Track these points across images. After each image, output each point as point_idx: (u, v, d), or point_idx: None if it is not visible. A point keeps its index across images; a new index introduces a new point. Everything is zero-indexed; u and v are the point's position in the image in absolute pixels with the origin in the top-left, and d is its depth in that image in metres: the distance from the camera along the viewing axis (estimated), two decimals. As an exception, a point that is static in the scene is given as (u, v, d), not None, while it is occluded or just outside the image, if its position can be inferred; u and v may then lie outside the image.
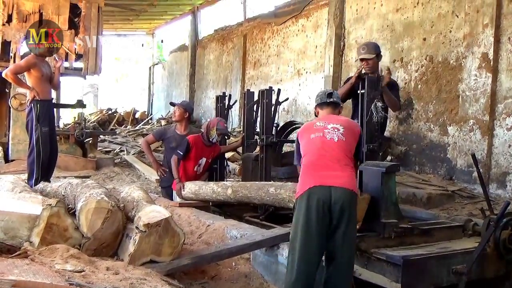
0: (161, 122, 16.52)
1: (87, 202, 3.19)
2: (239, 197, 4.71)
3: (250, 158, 5.83)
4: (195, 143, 5.40)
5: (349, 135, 3.26)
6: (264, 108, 5.71)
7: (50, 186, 4.59)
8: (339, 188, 3.04)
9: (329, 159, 3.11)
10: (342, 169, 3.11)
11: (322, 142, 3.16)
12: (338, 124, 3.25)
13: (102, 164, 9.59)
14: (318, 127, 3.26)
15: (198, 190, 5.18)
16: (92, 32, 9.59)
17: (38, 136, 6.03)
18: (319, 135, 3.19)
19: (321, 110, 3.48)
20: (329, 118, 3.35)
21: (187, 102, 6.14)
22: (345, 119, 3.46)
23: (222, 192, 4.87)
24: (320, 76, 10.58)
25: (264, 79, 12.87)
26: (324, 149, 3.13)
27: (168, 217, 3.19)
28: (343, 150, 3.17)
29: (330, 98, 3.46)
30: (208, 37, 16.74)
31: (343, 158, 3.15)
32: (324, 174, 3.07)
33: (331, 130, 3.19)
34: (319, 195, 3.03)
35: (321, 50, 10.68)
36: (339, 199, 3.02)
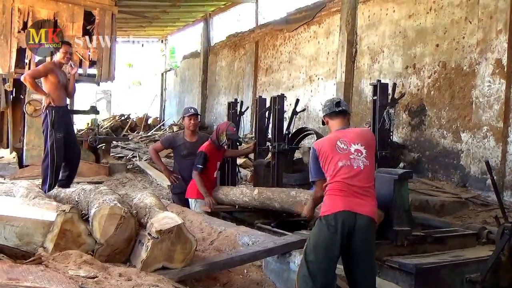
0: (173, 128, 16.59)
1: (100, 208, 3.21)
2: (263, 198, 4.82)
3: (262, 165, 5.83)
4: (210, 151, 5.41)
5: (370, 153, 3.28)
6: (276, 114, 5.72)
7: (63, 192, 4.63)
8: (364, 216, 3.11)
9: (358, 188, 3.16)
10: (368, 196, 3.18)
11: (350, 171, 3.19)
12: (358, 144, 3.25)
13: (114, 170, 9.64)
14: (343, 151, 3.23)
15: (229, 191, 5.34)
16: (106, 39, 9.68)
17: (52, 141, 6.09)
18: (346, 163, 3.20)
19: (331, 120, 3.44)
20: (347, 135, 3.30)
21: (195, 108, 6.12)
22: (360, 132, 3.43)
23: (249, 193, 5.02)
24: (332, 83, 10.56)
25: (276, 86, 12.89)
26: (352, 179, 3.17)
27: (181, 223, 3.20)
28: (368, 176, 3.22)
29: (339, 107, 3.42)
30: (220, 43, 16.81)
31: (369, 185, 3.21)
32: (353, 200, 3.13)
33: (355, 156, 3.21)
34: (345, 220, 3.09)
35: (333, 56, 10.67)
36: (362, 227, 3.09)
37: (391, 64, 9.05)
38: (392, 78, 8.71)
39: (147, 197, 3.85)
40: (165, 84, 22.42)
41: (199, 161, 5.32)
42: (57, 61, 6.30)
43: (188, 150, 5.63)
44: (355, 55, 9.92)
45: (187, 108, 5.88)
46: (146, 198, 3.83)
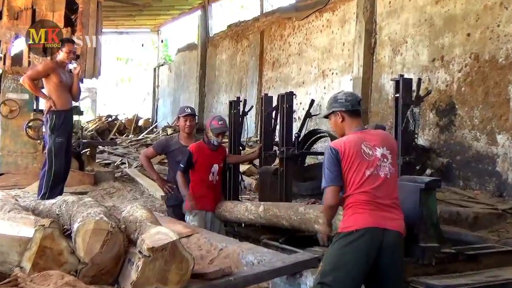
0: (167, 131, 16.63)
1: (84, 222, 3.21)
2: (269, 216, 4.83)
3: (269, 172, 5.81)
4: (198, 151, 5.39)
5: (394, 158, 3.30)
6: (284, 114, 5.71)
7: (43, 204, 4.64)
8: (393, 231, 3.12)
9: (385, 199, 3.18)
10: (396, 209, 3.21)
11: (376, 180, 3.19)
12: (384, 148, 3.25)
13: (101, 178, 9.66)
14: (369, 157, 3.22)
15: (233, 208, 5.33)
16: (91, 30, 9.71)
17: (50, 146, 6.27)
18: (373, 172, 3.20)
19: (350, 118, 3.36)
20: (370, 137, 3.30)
21: (193, 108, 6.14)
22: (381, 134, 3.42)
23: (254, 210, 5.02)
24: (348, 78, 10.56)
25: (284, 82, 12.90)
26: (379, 190, 3.18)
27: (176, 240, 3.19)
28: (394, 186, 3.25)
29: (360, 106, 3.41)
30: (220, 34, 16.86)
31: (396, 198, 3.24)
32: (380, 214, 3.14)
33: (382, 162, 3.22)
34: (373, 238, 3.10)
35: (349, 48, 10.67)
36: (391, 244, 3.10)
37: (415, 56, 9.04)
38: (416, 73, 8.69)
39: (137, 210, 3.85)
40: (157, 80, 22.50)
41: (183, 160, 5.33)
42: (59, 60, 6.45)
43: (184, 155, 5.63)
44: (374, 46, 9.91)
45: (183, 108, 5.90)
46: (136, 211, 3.83)
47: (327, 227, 3.61)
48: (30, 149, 9.36)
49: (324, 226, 3.69)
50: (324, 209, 3.47)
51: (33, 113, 9.17)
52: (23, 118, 9.08)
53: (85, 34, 9.64)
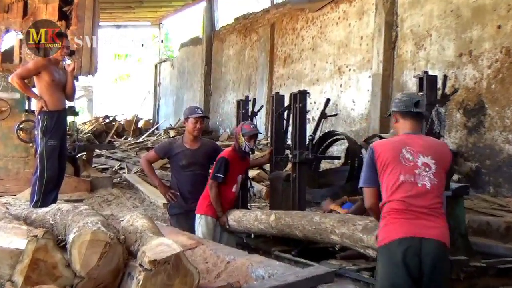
0: (169, 133, 16.68)
1: (81, 233, 3.22)
2: (281, 226, 4.84)
3: (280, 178, 5.81)
4: (232, 160, 5.43)
5: (441, 171, 3.30)
6: (296, 115, 5.71)
7: (35, 213, 4.66)
8: (432, 240, 3.12)
9: (421, 208, 3.19)
10: (436, 217, 3.20)
11: (412, 189, 3.22)
12: (429, 157, 3.28)
13: (97, 184, 9.70)
14: (407, 163, 3.27)
15: (241, 217, 5.36)
16: (87, 24, 9.77)
17: (42, 150, 6.31)
18: (409, 179, 3.23)
19: (403, 119, 3.45)
20: (415, 142, 3.34)
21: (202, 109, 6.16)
22: (432, 142, 3.45)
23: (265, 220, 5.03)
24: (367, 75, 10.54)
25: (297, 79, 12.90)
26: (415, 199, 3.21)
27: (179, 252, 3.20)
28: (435, 196, 3.24)
29: (417, 107, 3.44)
30: (227, 27, 16.89)
31: (436, 205, 3.24)
32: (415, 222, 3.16)
33: (422, 171, 3.25)
34: (409, 249, 3.11)
35: (367, 42, 10.65)
36: (431, 254, 3.11)
37: (440, 51, 9.01)
38: (442, 69, 8.66)
39: (138, 219, 3.86)
40: (159, 78, 22.57)
41: (220, 168, 5.34)
42: (52, 57, 6.48)
43: (188, 160, 5.63)
44: (395, 40, 9.89)
45: (193, 108, 5.84)
46: (136, 220, 3.84)
47: None
48: (21, 153, 9.39)
49: None
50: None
51: (25, 114, 9.19)
52: (14, 119, 9.09)
53: (81, 28, 9.69)
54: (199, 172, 5.63)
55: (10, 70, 8.54)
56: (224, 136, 15.12)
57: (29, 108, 9.48)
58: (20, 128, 8.68)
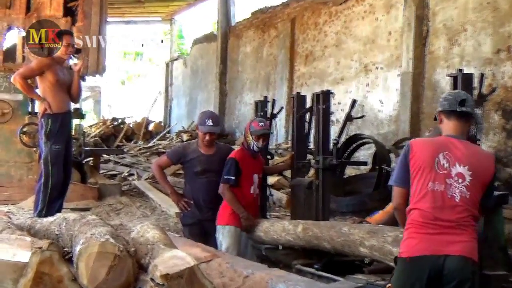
0: (182, 137, 16.73)
1: (88, 245, 3.24)
2: (309, 237, 4.87)
3: (302, 186, 5.81)
4: (242, 159, 5.43)
5: (477, 185, 3.26)
6: (319, 117, 5.70)
7: (40, 223, 4.70)
8: (455, 257, 3.10)
9: (446, 222, 3.18)
10: (462, 231, 3.18)
11: (439, 200, 3.22)
12: (466, 167, 3.24)
13: (105, 192, 9.76)
14: (441, 170, 3.26)
15: (269, 227, 5.37)
16: (94, 20, 9.83)
17: (46, 155, 6.37)
18: (439, 188, 3.22)
19: (447, 119, 3.41)
20: (455, 148, 3.31)
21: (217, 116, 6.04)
22: (475, 151, 3.38)
23: (292, 230, 5.05)
24: (395, 73, 10.49)
25: (319, 78, 12.88)
26: (442, 212, 3.20)
27: (194, 265, 3.20)
28: (464, 210, 3.21)
29: (463, 106, 3.37)
30: (244, 22, 16.92)
31: (464, 218, 3.20)
32: (437, 238, 3.16)
33: (454, 182, 3.22)
34: (431, 268, 3.12)
35: (396, 38, 10.60)
36: (454, 271, 3.09)
37: (476, 47, 8.93)
38: (478, 67, 8.59)
39: (149, 230, 3.87)
40: (171, 77, 22.67)
41: (230, 170, 5.35)
42: (57, 55, 6.54)
43: (203, 166, 5.63)
44: (427, 35, 9.83)
45: (204, 118, 5.67)
46: (147, 231, 3.85)
47: None
48: (24, 159, 9.45)
49: None
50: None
51: (28, 117, 9.25)
52: (16, 122, 9.16)
53: (87, 24, 9.75)
54: (215, 179, 5.61)
55: (13, 70, 8.59)
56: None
57: (33, 111, 9.53)
58: (23, 132, 8.73)
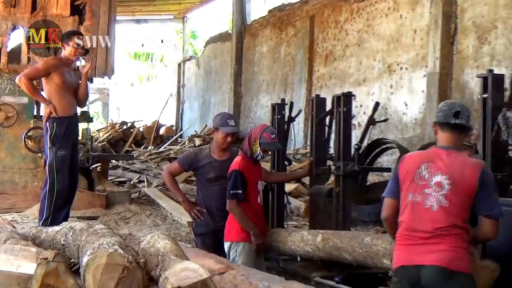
0: (194, 141, 16.77)
1: (95, 255, 3.26)
2: (328, 248, 4.83)
3: (321, 193, 5.79)
4: (246, 169, 5.36)
5: (458, 194, 3.35)
6: (340, 120, 5.69)
7: (45, 232, 4.74)
8: (429, 267, 3.23)
9: (422, 233, 3.34)
10: (439, 241, 3.29)
11: (416, 210, 3.39)
12: (445, 176, 3.36)
13: (114, 200, 9.80)
14: (420, 181, 3.42)
15: (287, 237, 5.34)
16: (102, 19, 9.89)
17: (51, 160, 6.41)
18: (416, 199, 3.40)
19: (441, 131, 3.54)
20: (440, 159, 3.43)
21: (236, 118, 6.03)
22: (460, 161, 3.44)
23: (311, 240, 5.02)
24: (421, 73, 10.45)
25: (340, 79, 12.86)
26: (419, 223, 3.36)
27: (207, 278, 3.21)
28: (443, 220, 3.32)
29: (457, 118, 3.47)
30: (260, 21, 16.94)
31: (442, 229, 3.31)
32: (413, 249, 3.34)
33: (432, 191, 3.36)
34: (409, 279, 3.31)
35: (422, 36, 10.56)
36: (430, 282, 3.22)
37: (508, 45, 8.88)
38: (510, 67, 8.53)
39: (159, 240, 3.89)
40: (183, 79, 22.74)
41: (235, 184, 5.22)
42: (64, 56, 6.59)
43: (216, 172, 5.62)
44: (455, 33, 9.78)
45: (226, 118, 5.68)
46: (158, 241, 3.87)
47: None
48: (29, 164, 9.51)
49: None
50: None
51: (33, 120, 9.31)
52: (21, 126, 9.21)
53: (95, 23, 9.81)
54: (228, 186, 5.62)
55: (17, 71, 8.64)
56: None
57: (38, 114, 9.58)
58: (28, 137, 8.78)
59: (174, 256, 3.57)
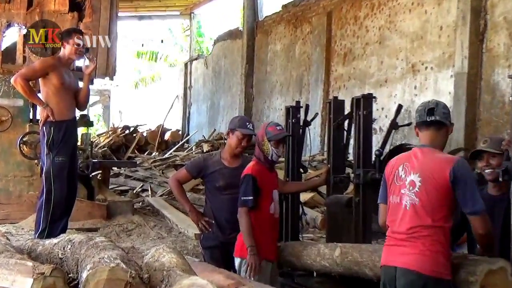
0: (202, 147, 16.79)
1: (96, 270, 3.27)
2: (347, 262, 4.79)
3: (340, 203, 5.78)
4: (260, 175, 5.33)
5: (429, 190, 3.60)
6: (359, 125, 5.68)
7: (42, 245, 4.75)
8: (401, 269, 3.58)
9: (400, 234, 3.67)
10: (411, 243, 3.59)
11: (395, 211, 3.74)
12: (417, 174, 3.65)
13: (116, 210, 9.81)
14: (398, 182, 3.77)
15: (302, 251, 5.32)
16: (103, 15, 9.93)
17: (48, 168, 6.42)
18: (396, 201, 3.74)
19: (420, 132, 3.86)
20: (417, 158, 3.73)
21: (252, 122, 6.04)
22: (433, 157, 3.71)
23: (328, 254, 5.00)
24: (448, 74, 10.42)
25: (360, 80, 12.84)
26: (398, 223, 3.70)
27: (216, 295, 3.21)
28: (414, 219, 3.61)
29: (432, 115, 3.76)
30: (273, 17, 16.97)
31: (414, 229, 3.61)
32: (392, 249, 3.71)
33: (407, 190, 3.68)
34: (389, 279, 3.67)
35: (449, 33, 10.54)
36: (400, 284, 3.56)
37: (542, 43, 8.85)
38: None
39: (164, 254, 3.89)
40: (190, 79, 22.79)
41: (246, 189, 5.19)
42: (64, 56, 6.59)
43: (226, 180, 5.60)
44: (484, 30, 9.75)
45: (245, 121, 5.71)
46: (163, 254, 3.87)
47: None
48: (25, 172, 9.53)
49: None
50: None
51: (29, 125, 9.32)
52: (16, 131, 9.24)
53: (96, 20, 9.84)
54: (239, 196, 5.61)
55: (12, 72, 8.65)
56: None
57: (34, 118, 9.59)
58: (24, 142, 8.80)
59: (181, 271, 3.57)
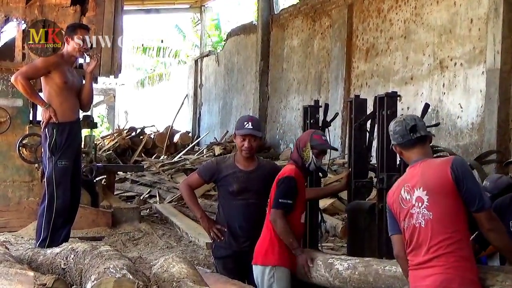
0: (214, 150, 16.80)
1: (101, 281, 3.30)
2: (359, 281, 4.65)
3: (362, 210, 5.78)
4: (300, 179, 5.33)
5: (437, 200, 3.66)
6: (383, 125, 5.68)
7: (43, 254, 4.80)
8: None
9: (420, 256, 3.68)
10: (432, 264, 3.61)
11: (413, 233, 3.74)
12: (421, 188, 3.70)
13: (121, 217, 9.83)
14: (406, 205, 3.78)
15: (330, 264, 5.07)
16: (108, 9, 9.96)
17: (50, 172, 6.45)
18: (409, 223, 3.75)
19: (406, 151, 3.93)
20: (414, 175, 3.79)
21: (258, 120, 6.08)
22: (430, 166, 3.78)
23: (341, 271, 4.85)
24: (479, 70, 10.37)
25: (383, 77, 12.81)
26: (415, 243, 3.72)
27: (229, 307, 3.23)
28: (434, 235, 3.63)
29: (416, 132, 3.86)
30: (289, 10, 16.97)
31: (433, 248, 3.63)
32: (416, 275, 3.69)
33: (417, 208, 3.71)
34: None
35: (479, 26, 10.50)
36: None
37: None
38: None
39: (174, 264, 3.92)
40: (200, 77, 22.79)
41: (287, 192, 5.19)
42: (67, 53, 6.63)
43: (240, 184, 5.61)
44: (519, 23, 9.71)
45: (242, 120, 5.74)
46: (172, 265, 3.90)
47: None
48: (24, 177, 9.54)
49: None
50: None
51: (29, 126, 9.33)
52: (15, 133, 9.25)
53: (100, 14, 9.87)
54: (254, 202, 5.59)
55: (11, 70, 8.68)
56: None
57: (35, 119, 9.61)
58: (23, 145, 8.81)
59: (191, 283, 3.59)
